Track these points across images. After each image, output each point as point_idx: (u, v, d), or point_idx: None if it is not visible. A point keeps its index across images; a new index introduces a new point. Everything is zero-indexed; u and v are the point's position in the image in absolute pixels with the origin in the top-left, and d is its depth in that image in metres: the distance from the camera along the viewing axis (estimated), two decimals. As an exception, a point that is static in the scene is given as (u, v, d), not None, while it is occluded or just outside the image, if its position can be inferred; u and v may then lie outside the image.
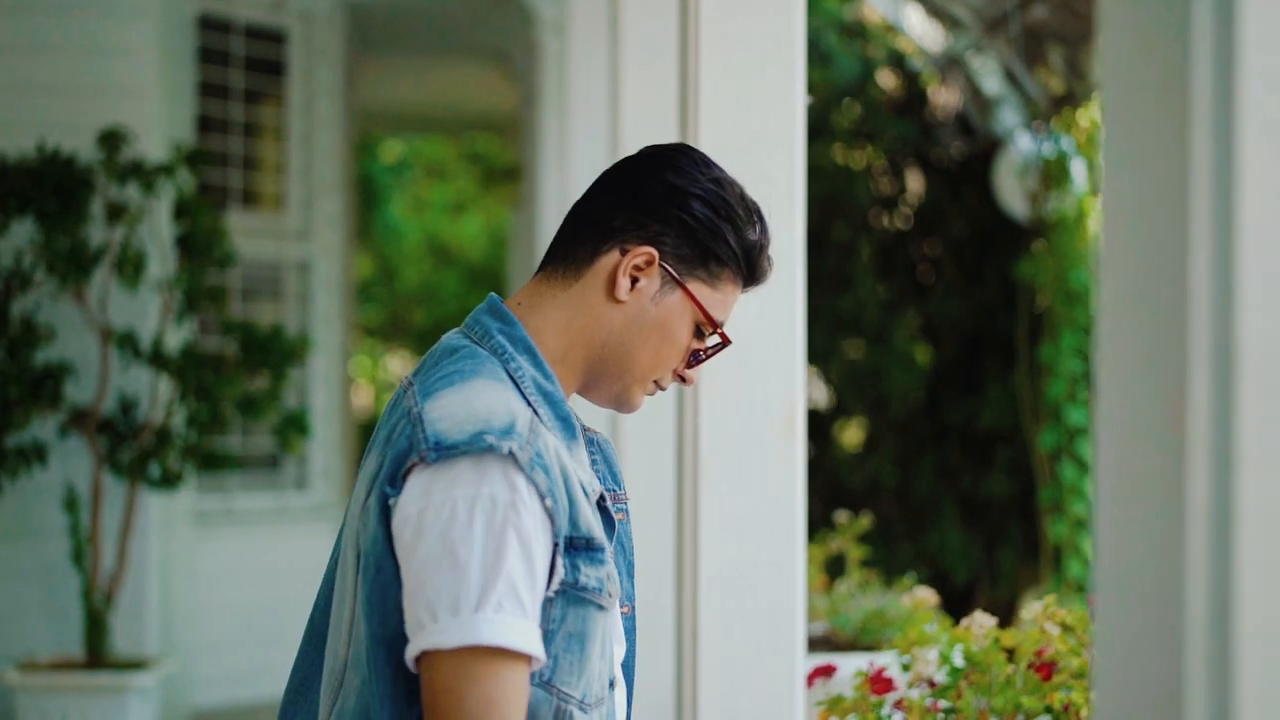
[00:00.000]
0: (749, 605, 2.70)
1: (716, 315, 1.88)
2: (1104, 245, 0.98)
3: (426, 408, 1.73)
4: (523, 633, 1.65)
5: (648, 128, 3.55)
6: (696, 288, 1.86)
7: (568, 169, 5.96)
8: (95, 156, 5.78)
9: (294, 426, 5.90)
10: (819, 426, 8.61)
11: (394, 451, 1.72)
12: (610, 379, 1.89)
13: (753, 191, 2.75)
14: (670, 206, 1.86)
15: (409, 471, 1.70)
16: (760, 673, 2.70)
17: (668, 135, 3.22)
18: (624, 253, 1.85)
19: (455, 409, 1.72)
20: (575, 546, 1.74)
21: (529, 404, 1.78)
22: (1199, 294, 0.88)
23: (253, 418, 5.92)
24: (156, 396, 5.84)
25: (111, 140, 5.73)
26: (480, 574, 1.63)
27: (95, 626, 5.63)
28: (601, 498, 1.83)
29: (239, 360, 5.81)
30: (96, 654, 5.63)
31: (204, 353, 5.97)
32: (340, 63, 8.01)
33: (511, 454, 1.67)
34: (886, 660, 3.02)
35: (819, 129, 8.13)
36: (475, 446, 1.67)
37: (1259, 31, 0.86)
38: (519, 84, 9.53)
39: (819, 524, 6.23)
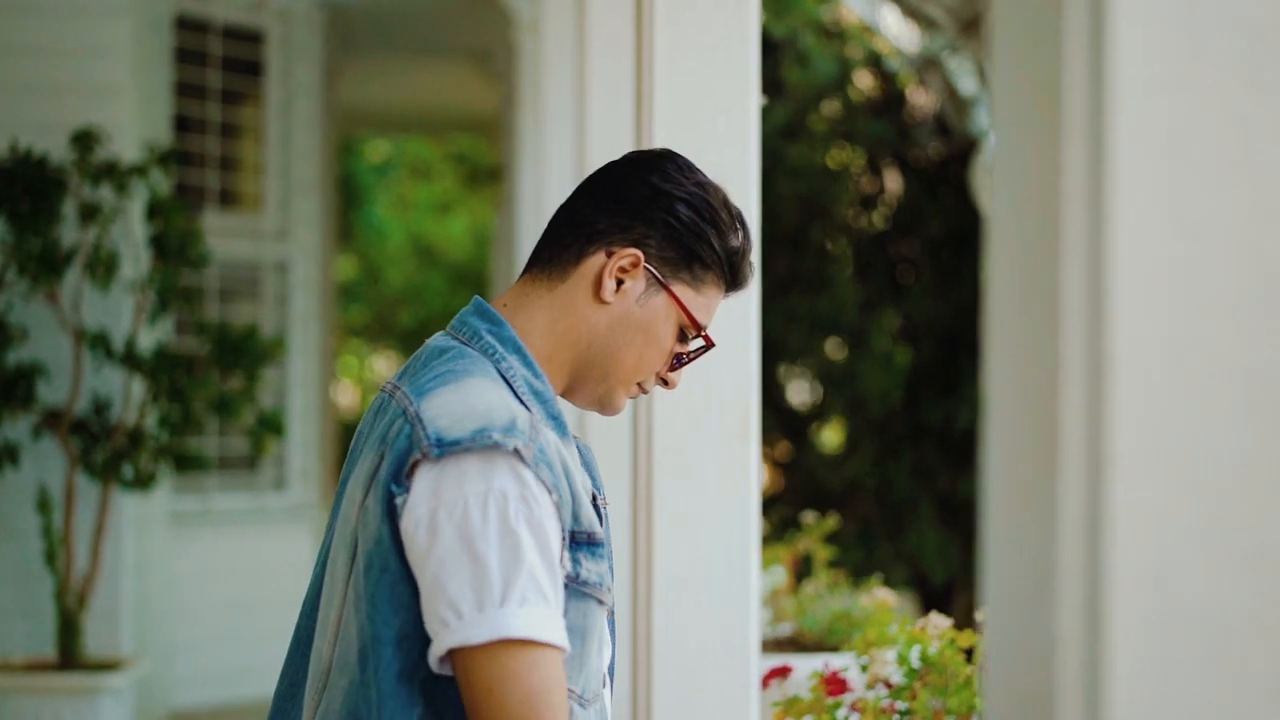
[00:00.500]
0: (703, 606, 2.70)
1: (700, 318, 1.90)
2: (991, 250, 0.98)
3: (423, 406, 1.73)
4: (550, 623, 1.66)
5: (610, 128, 3.54)
6: (681, 290, 1.88)
7: (542, 169, 5.96)
8: (68, 157, 5.77)
9: (268, 427, 5.90)
10: (799, 427, 8.61)
11: (394, 452, 1.72)
12: (594, 380, 1.91)
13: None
14: (655, 209, 1.88)
15: (413, 469, 1.70)
16: (714, 674, 2.70)
17: (626, 135, 3.22)
18: (609, 255, 1.87)
19: (453, 406, 1.72)
20: (577, 541, 1.76)
21: (522, 403, 1.80)
22: (1071, 299, 0.89)
23: (227, 418, 5.92)
24: (129, 397, 5.83)
25: (84, 141, 5.73)
26: (501, 569, 1.64)
27: (68, 627, 5.62)
28: (594, 496, 1.85)
29: (212, 361, 5.81)
30: (69, 655, 5.62)
31: (177, 353, 5.97)
32: (319, 63, 8.00)
33: (517, 451, 1.68)
34: (847, 661, 3.03)
35: (797, 130, 8.14)
36: (479, 443, 1.68)
37: (1130, 37, 0.86)
38: (500, 84, 9.53)
39: (796, 525, 6.23)
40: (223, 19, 7.52)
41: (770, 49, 8.00)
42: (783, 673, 2.94)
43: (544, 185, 5.78)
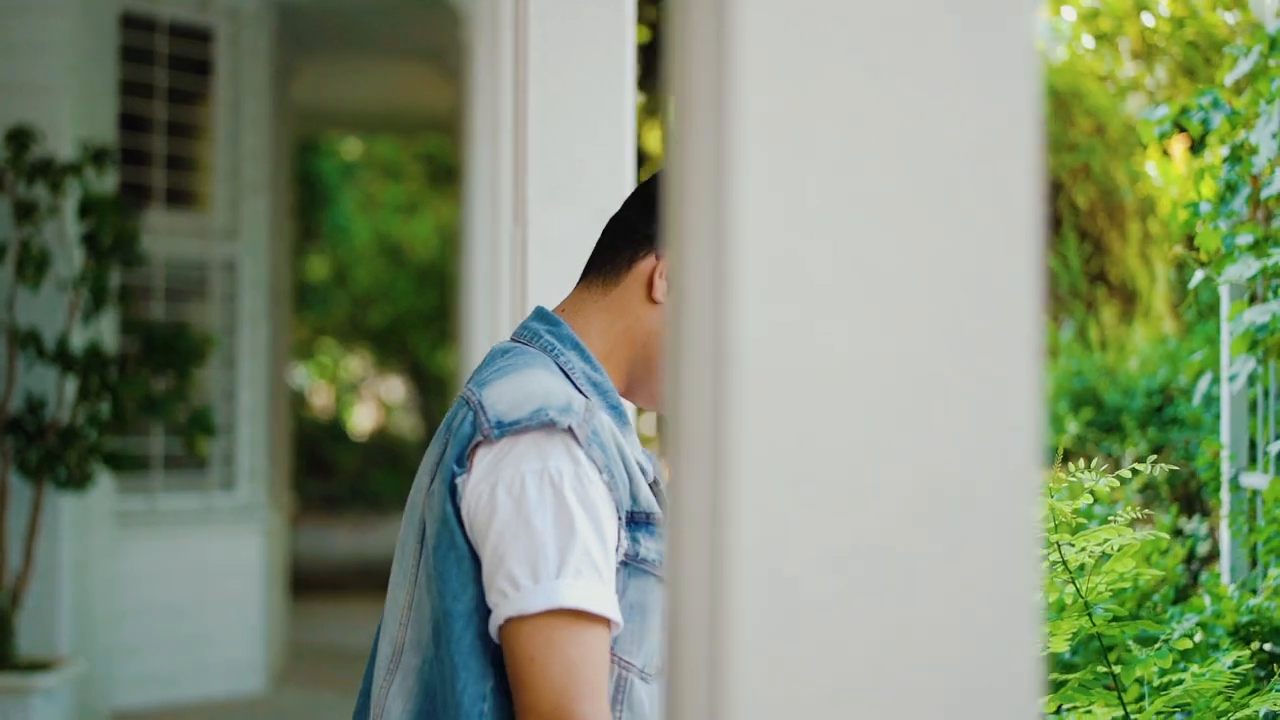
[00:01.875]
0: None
1: None
2: (670, 257, 0.98)
3: (484, 395, 1.85)
4: (602, 597, 1.74)
5: (509, 126, 3.54)
6: None
7: (478, 167, 5.96)
8: (2, 155, 5.76)
9: (199, 426, 5.88)
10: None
11: (458, 438, 1.83)
12: (652, 378, 2.02)
13: (575, 189, 2.74)
14: None
15: (474, 451, 1.81)
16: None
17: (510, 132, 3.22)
18: (659, 258, 2.00)
19: (513, 392, 1.84)
20: (636, 520, 1.85)
21: (582, 393, 1.91)
22: (694, 291, 0.89)
23: (157, 417, 5.90)
24: (62, 396, 5.82)
25: (19, 139, 5.71)
26: (556, 543, 1.74)
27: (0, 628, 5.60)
28: (655, 481, 1.92)
29: (141, 359, 5.79)
30: (1, 655, 5.60)
31: (108, 352, 5.95)
32: (268, 62, 7.99)
33: (570, 430, 1.79)
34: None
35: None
36: (536, 421, 1.79)
37: (751, 23, 0.86)
38: (455, 83, 9.52)
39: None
40: (170, 17, 7.51)
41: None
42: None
43: (476, 183, 5.77)
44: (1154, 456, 3.00)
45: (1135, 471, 2.79)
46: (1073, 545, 2.67)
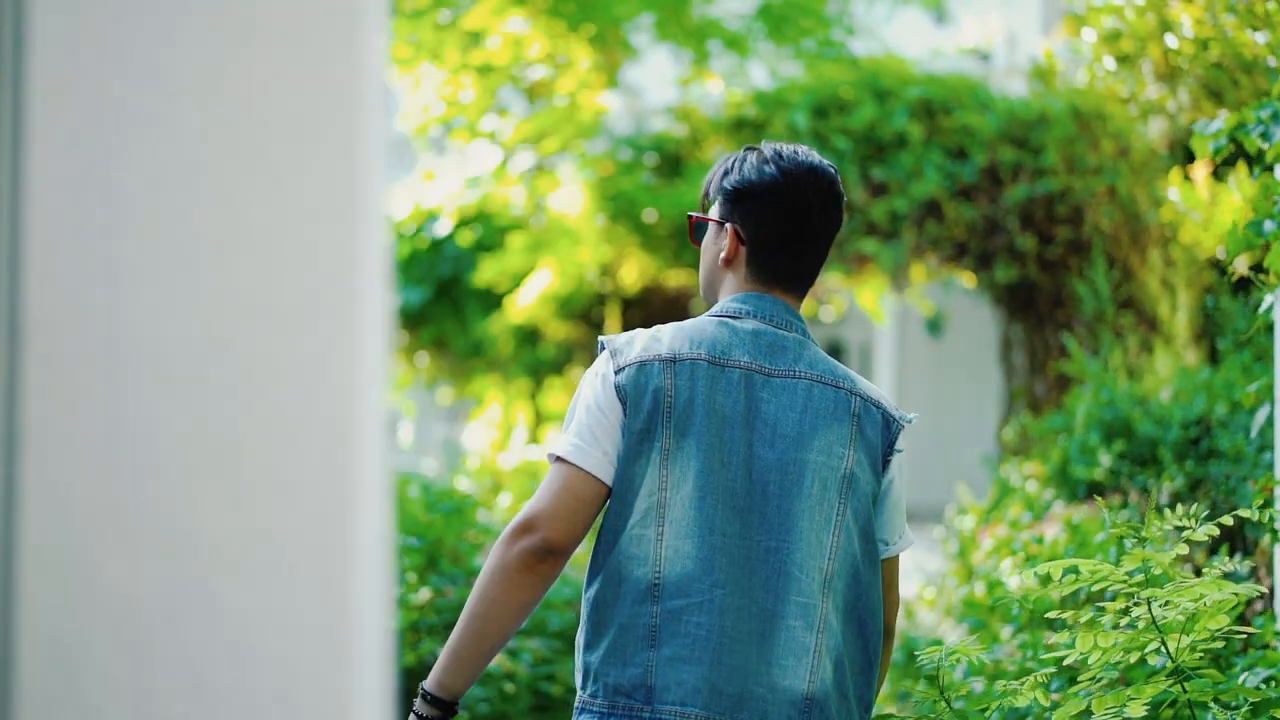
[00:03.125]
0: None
1: None
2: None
3: None
4: (561, 446, 2.35)
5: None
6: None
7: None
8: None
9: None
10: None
11: None
12: (710, 296, 2.61)
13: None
14: None
15: None
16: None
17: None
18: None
19: None
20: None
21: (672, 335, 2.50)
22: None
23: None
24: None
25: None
26: (569, 416, 2.39)
27: None
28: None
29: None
30: None
31: None
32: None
33: (608, 350, 2.42)
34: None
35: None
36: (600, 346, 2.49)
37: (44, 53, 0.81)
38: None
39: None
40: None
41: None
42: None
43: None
44: (1261, 504, 2.86)
45: (1238, 519, 2.63)
46: (1156, 599, 2.51)
